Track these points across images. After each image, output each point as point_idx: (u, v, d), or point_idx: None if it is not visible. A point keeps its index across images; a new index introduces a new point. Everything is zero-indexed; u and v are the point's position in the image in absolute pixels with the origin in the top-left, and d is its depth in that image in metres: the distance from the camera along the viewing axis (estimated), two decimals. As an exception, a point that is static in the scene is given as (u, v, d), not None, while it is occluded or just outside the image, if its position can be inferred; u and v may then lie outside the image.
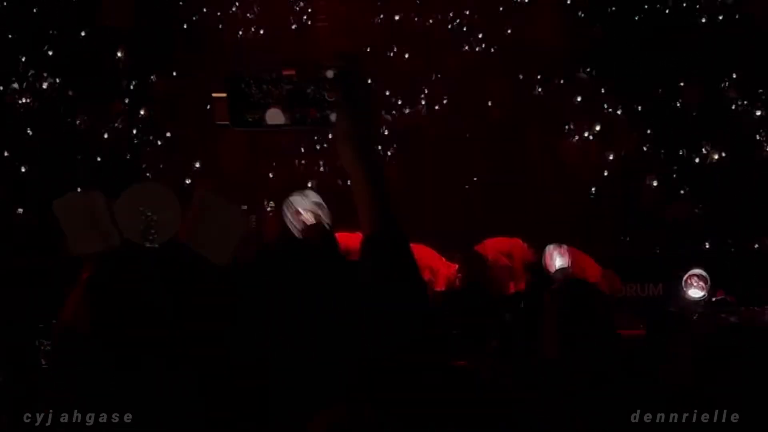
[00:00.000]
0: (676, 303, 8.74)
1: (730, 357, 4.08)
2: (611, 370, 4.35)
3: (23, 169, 22.81)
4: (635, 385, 4.55)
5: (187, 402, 1.35)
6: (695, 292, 8.60)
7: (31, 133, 23.45)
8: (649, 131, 24.93)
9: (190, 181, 23.02)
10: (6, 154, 22.96)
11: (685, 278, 8.65)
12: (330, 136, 2.34)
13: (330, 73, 2.39)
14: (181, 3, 25.40)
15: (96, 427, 1.34)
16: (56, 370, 1.38)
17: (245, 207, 22.20)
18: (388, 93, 25.69)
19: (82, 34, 25.42)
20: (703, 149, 24.43)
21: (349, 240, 15.58)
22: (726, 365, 4.00)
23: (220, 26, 25.96)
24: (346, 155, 2.30)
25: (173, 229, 2.72)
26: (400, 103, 25.53)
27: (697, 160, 24.32)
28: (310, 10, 26.48)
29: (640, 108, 25.74)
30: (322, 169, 23.92)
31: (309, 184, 22.34)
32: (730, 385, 3.90)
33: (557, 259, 7.25)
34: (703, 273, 8.74)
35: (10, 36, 25.16)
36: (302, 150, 24.61)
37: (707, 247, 21.96)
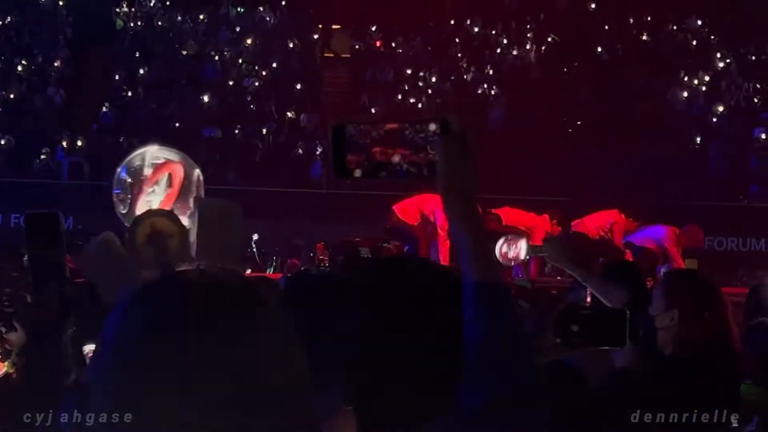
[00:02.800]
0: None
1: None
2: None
3: (129, 94, 23.10)
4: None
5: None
6: None
7: (139, 58, 23.73)
8: (759, 84, 24.36)
9: (293, 118, 23.14)
10: (116, 78, 23.24)
11: None
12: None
13: (433, 126, 2.38)
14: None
15: (96, 427, 1.35)
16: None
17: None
18: (494, 32, 25.52)
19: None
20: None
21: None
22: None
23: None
24: (447, 206, 2.32)
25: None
26: (505, 42, 25.30)
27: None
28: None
29: (752, 58, 25.18)
30: (420, 105, 23.84)
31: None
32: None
33: (513, 247, 6.88)
34: None
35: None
36: (403, 84, 24.55)
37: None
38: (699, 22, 25.76)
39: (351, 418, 2.06)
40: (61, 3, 24.70)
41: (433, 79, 24.38)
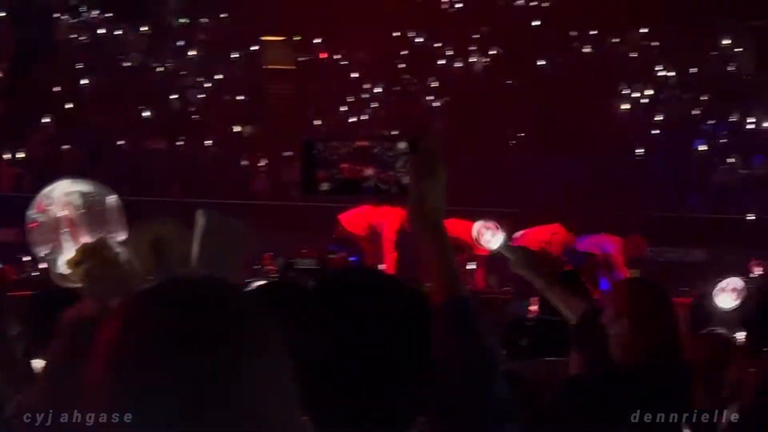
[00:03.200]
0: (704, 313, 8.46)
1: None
2: None
3: (71, 106, 22.90)
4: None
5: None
6: (726, 302, 8.31)
7: (82, 69, 23.54)
8: (700, 96, 24.68)
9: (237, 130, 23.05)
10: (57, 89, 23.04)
11: (716, 286, 8.36)
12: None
13: (402, 146, 2.40)
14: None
15: (96, 427, 1.34)
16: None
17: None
18: (439, 45, 25.62)
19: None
20: (755, 116, 24.14)
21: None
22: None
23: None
24: (416, 226, 2.33)
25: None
26: (450, 54, 25.41)
27: (749, 127, 24.05)
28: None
29: (693, 71, 25.50)
30: (364, 117, 23.89)
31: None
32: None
33: (489, 235, 6.89)
34: (738, 282, 8.40)
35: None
36: (347, 96, 24.57)
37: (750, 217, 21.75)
38: (641, 35, 26.07)
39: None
40: (2, 14, 24.41)
41: (378, 90, 24.45)
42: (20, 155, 21.30)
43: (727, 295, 8.65)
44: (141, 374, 1.46)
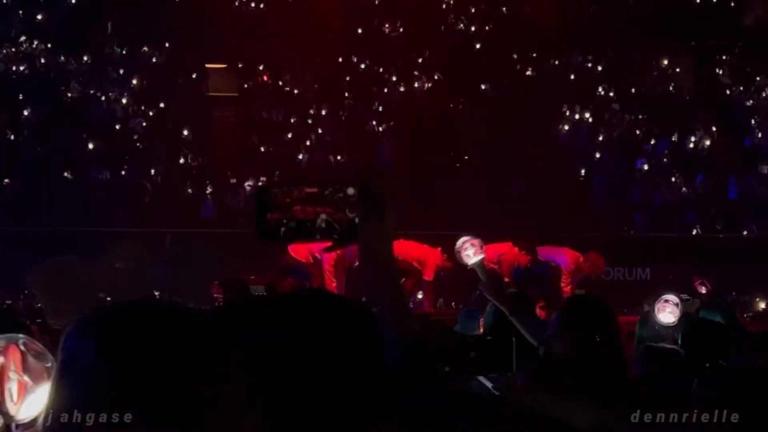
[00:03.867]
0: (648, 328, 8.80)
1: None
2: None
3: (12, 137, 22.68)
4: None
5: None
6: (666, 317, 8.62)
7: (23, 100, 23.33)
8: (641, 116, 25.01)
9: (182, 158, 22.99)
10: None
11: (657, 303, 8.69)
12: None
13: (351, 191, 2.46)
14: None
15: (96, 427, 1.35)
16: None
17: (247, 184, 22.15)
18: (381, 70, 25.72)
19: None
20: (695, 135, 24.52)
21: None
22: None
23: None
24: (366, 268, 2.43)
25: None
26: (394, 79, 25.52)
27: (690, 146, 24.41)
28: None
29: (633, 91, 25.84)
30: (309, 143, 23.92)
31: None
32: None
33: (471, 252, 7.11)
34: (675, 298, 8.73)
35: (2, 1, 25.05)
36: (293, 121, 24.59)
37: (695, 233, 22.07)
38: (581, 58, 26.38)
39: None
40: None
41: (323, 113, 24.50)
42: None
43: (667, 312, 8.88)
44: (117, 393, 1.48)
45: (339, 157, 23.11)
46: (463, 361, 5.55)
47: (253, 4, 26.72)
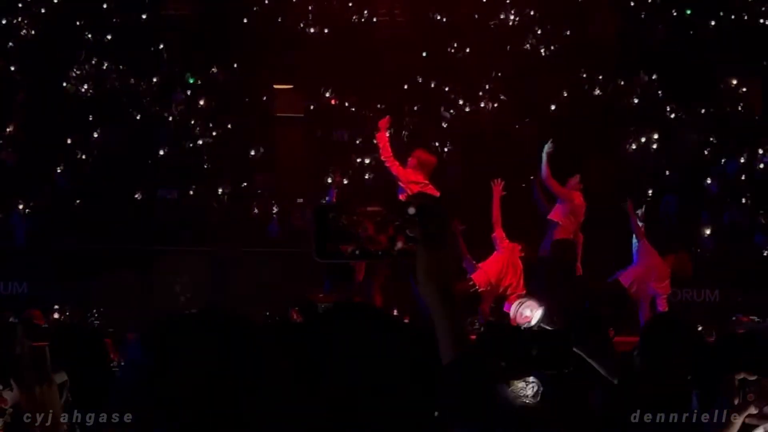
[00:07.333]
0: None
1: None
2: None
3: (83, 157, 22.98)
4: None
5: None
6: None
7: (92, 121, 23.64)
8: (711, 138, 24.75)
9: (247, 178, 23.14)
10: (69, 141, 23.12)
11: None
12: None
13: (412, 210, 2.47)
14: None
15: (96, 427, 1.35)
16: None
17: (301, 200, 22.32)
18: (447, 89, 25.69)
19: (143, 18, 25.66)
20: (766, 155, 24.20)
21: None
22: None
23: (280, 19, 26.08)
24: (425, 288, 2.42)
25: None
26: (461, 102, 25.48)
27: (761, 166, 24.08)
28: (369, 5, 26.55)
29: (702, 111, 25.57)
30: (373, 162, 23.92)
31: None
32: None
33: (529, 311, 7.07)
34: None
35: (72, 23, 25.41)
36: (358, 142, 24.64)
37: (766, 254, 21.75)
38: (647, 78, 26.15)
39: None
40: (12, 68, 24.55)
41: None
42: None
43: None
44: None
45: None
46: (523, 357, 5.52)
47: (314, 29, 26.74)
